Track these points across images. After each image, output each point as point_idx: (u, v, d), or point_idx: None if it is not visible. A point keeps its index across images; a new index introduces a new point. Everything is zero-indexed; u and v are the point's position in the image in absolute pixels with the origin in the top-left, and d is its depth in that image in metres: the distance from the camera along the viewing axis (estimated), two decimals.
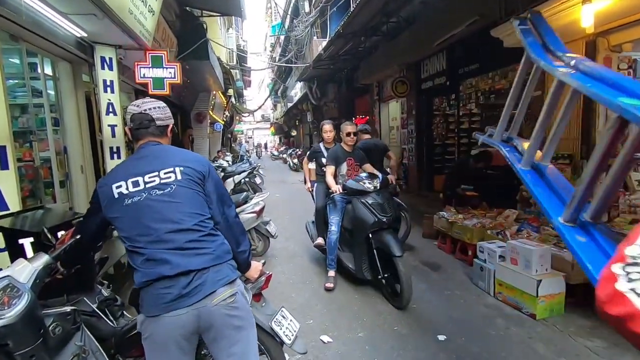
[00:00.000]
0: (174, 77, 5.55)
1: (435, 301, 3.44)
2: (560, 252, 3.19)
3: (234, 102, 20.21)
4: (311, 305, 3.45)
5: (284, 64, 16.03)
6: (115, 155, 5.13)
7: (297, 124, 25.78)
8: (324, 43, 9.91)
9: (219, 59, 11.14)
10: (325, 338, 2.83)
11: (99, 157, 5.27)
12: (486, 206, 5.34)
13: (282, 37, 19.80)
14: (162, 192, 1.52)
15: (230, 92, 16.84)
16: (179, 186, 1.54)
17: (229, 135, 24.70)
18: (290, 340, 1.84)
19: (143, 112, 1.61)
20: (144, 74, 5.43)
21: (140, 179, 1.52)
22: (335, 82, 14.05)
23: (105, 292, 1.99)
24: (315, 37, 13.35)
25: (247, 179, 9.14)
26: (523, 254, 3.12)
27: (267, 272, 2.01)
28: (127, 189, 1.50)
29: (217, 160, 11.49)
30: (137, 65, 5.40)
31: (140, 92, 7.16)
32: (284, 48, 18.78)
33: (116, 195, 1.50)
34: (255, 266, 1.86)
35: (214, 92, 13.13)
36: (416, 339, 2.81)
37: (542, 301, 2.98)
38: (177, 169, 1.57)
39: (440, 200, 6.04)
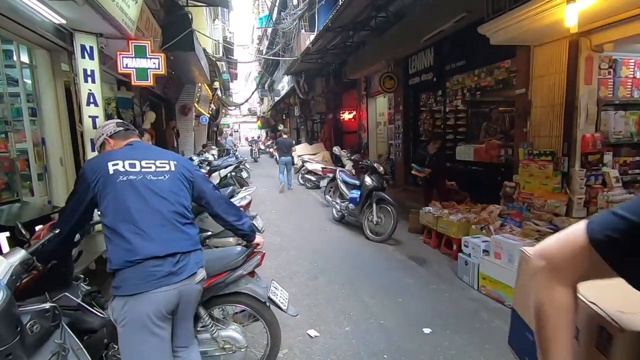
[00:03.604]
0: (158, 68, 5.40)
1: (421, 295, 3.48)
2: None
3: (220, 95, 19.90)
4: (298, 300, 3.44)
5: (271, 57, 15.84)
6: (96, 148, 4.99)
7: (284, 118, 25.58)
8: (312, 37, 9.81)
9: (204, 50, 10.92)
10: (312, 332, 2.83)
11: (80, 149, 5.11)
12: (470, 201, 5.43)
13: (269, 30, 19.55)
14: (156, 178, 1.66)
15: (217, 84, 16.54)
16: (171, 176, 1.71)
17: (215, 129, 24.34)
18: (285, 306, 2.10)
19: (121, 121, 1.83)
20: (126, 64, 5.27)
21: (137, 162, 1.65)
22: (323, 76, 13.97)
23: (86, 286, 1.95)
24: (303, 31, 13.21)
25: (233, 173, 9.04)
26: (506, 249, 3.19)
27: (262, 251, 2.17)
28: (123, 167, 1.61)
29: (202, 154, 11.29)
30: (120, 54, 5.23)
31: (123, 82, 6.98)
32: (272, 41, 18.55)
33: (111, 171, 1.59)
34: (259, 237, 2.15)
35: (200, 85, 12.88)
36: (402, 332, 2.84)
37: None
38: (172, 162, 1.76)
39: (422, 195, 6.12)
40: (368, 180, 5.42)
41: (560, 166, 4.30)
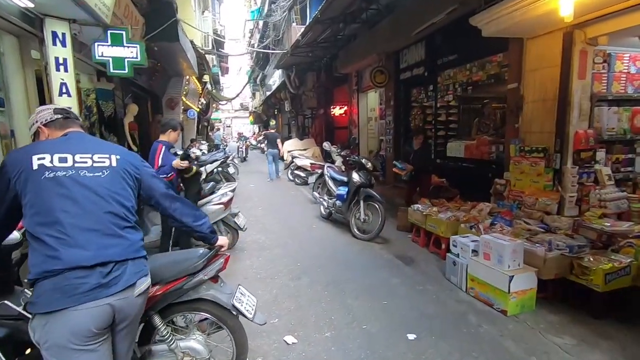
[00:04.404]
0: (136, 58, 5.14)
1: (407, 297, 3.33)
2: (532, 247, 3.13)
3: (210, 89, 19.51)
4: (278, 302, 3.27)
5: (262, 50, 15.54)
6: None
7: (275, 113, 25.29)
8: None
9: (192, 42, 10.62)
10: (290, 339, 2.66)
11: None
12: (460, 199, 5.30)
13: (260, 23, 19.21)
14: (92, 174, 1.45)
15: (206, 78, 16.19)
16: (112, 173, 1.50)
17: (206, 124, 23.95)
18: (251, 314, 1.90)
19: (61, 108, 1.60)
20: (102, 53, 5.00)
21: (69, 156, 1.43)
22: (315, 70, 13.72)
23: (30, 292, 1.74)
24: (294, 24, 12.95)
25: (219, 169, 8.81)
26: (496, 249, 3.04)
27: (226, 254, 1.98)
28: (51, 162, 1.39)
29: (189, 149, 11.01)
30: (95, 42, 4.96)
31: (103, 73, 6.68)
32: (263, 34, 18.24)
33: (35, 167, 1.37)
34: (223, 238, 1.94)
35: (188, 78, 12.56)
36: (385, 338, 2.68)
37: (514, 297, 2.92)
38: (114, 157, 1.54)
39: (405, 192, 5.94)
40: (355, 176, 5.26)
41: (552, 163, 4.17)
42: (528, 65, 4.47)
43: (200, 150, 13.04)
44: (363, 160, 5.36)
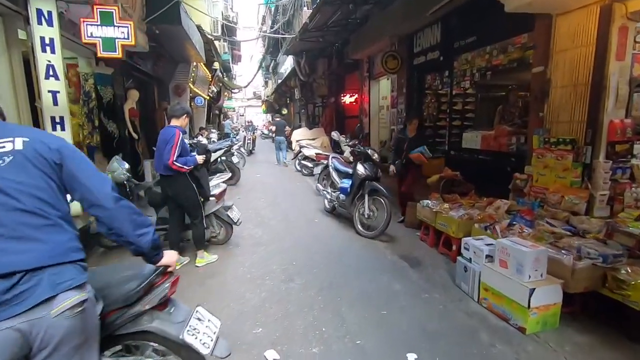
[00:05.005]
0: (127, 38, 4.82)
1: (410, 307, 2.95)
2: (557, 255, 2.69)
3: (221, 76, 19.19)
4: (265, 308, 2.94)
5: (271, 34, 15.06)
6: (58, 127, 4.50)
7: (287, 101, 24.87)
8: None
9: (199, 27, 10.27)
10: (271, 354, 2.32)
11: (41, 128, 4.62)
12: (475, 194, 4.84)
13: (272, 9, 18.71)
14: None
15: (216, 65, 15.89)
16: (15, 159, 1.20)
17: (217, 112, 23.75)
18: (209, 347, 1.51)
19: None
20: (91, 33, 4.70)
21: None
22: (326, 56, 13.21)
23: None
24: (305, 8, 12.44)
25: (223, 158, 8.51)
26: (515, 256, 2.62)
27: (174, 275, 1.59)
28: None
29: (196, 138, 10.77)
30: (84, 22, 4.66)
31: (101, 58, 6.41)
32: (274, 20, 17.74)
33: None
34: (170, 254, 1.55)
35: (195, 64, 12.25)
36: (381, 357, 2.32)
37: (535, 313, 2.50)
38: (19, 140, 1.24)
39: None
40: (360, 168, 4.85)
41: (582, 157, 3.68)
42: (557, 45, 3.94)
43: (210, 138, 12.83)
44: (369, 151, 4.94)
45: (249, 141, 15.59)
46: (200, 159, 3.78)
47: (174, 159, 3.52)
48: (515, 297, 2.57)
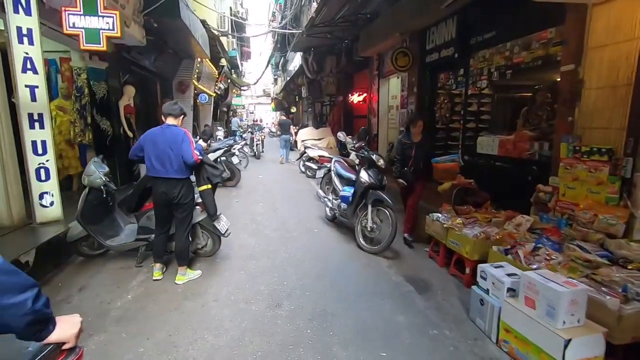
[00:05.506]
0: (113, 29, 4.45)
1: (415, 346, 2.49)
2: (598, 295, 2.20)
3: (229, 73, 18.84)
4: (243, 342, 2.51)
5: (277, 30, 14.63)
6: (36, 124, 4.18)
7: (296, 99, 24.44)
8: None
9: (203, 22, 9.91)
10: None
11: (18, 125, 4.29)
12: (491, 205, 4.35)
13: (282, 4, 18.30)
14: None
15: (223, 61, 15.54)
16: None
17: (225, 109, 23.45)
18: None
19: None
20: (73, 23, 4.34)
21: None
22: (335, 54, 12.73)
23: None
24: (314, 3, 11.99)
25: (223, 158, 8.12)
26: (545, 295, 2.14)
27: (80, 346, 1.09)
28: None
29: (196, 136, 10.40)
30: (65, 10, 4.30)
31: (94, 52, 6.07)
32: (283, 16, 17.33)
33: None
34: (67, 323, 1.02)
35: (200, 60, 11.90)
36: None
37: None
38: None
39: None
40: (364, 175, 4.39)
41: (621, 169, 3.15)
42: (593, 40, 3.41)
43: (215, 136, 12.48)
44: (374, 157, 4.47)
45: (258, 142, 14.23)
46: (203, 144, 3.51)
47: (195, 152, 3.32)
48: (545, 347, 2.09)
